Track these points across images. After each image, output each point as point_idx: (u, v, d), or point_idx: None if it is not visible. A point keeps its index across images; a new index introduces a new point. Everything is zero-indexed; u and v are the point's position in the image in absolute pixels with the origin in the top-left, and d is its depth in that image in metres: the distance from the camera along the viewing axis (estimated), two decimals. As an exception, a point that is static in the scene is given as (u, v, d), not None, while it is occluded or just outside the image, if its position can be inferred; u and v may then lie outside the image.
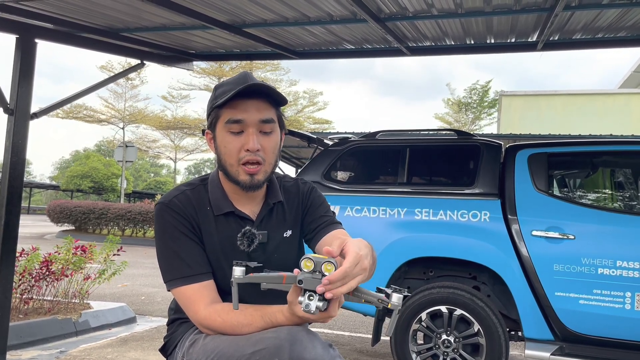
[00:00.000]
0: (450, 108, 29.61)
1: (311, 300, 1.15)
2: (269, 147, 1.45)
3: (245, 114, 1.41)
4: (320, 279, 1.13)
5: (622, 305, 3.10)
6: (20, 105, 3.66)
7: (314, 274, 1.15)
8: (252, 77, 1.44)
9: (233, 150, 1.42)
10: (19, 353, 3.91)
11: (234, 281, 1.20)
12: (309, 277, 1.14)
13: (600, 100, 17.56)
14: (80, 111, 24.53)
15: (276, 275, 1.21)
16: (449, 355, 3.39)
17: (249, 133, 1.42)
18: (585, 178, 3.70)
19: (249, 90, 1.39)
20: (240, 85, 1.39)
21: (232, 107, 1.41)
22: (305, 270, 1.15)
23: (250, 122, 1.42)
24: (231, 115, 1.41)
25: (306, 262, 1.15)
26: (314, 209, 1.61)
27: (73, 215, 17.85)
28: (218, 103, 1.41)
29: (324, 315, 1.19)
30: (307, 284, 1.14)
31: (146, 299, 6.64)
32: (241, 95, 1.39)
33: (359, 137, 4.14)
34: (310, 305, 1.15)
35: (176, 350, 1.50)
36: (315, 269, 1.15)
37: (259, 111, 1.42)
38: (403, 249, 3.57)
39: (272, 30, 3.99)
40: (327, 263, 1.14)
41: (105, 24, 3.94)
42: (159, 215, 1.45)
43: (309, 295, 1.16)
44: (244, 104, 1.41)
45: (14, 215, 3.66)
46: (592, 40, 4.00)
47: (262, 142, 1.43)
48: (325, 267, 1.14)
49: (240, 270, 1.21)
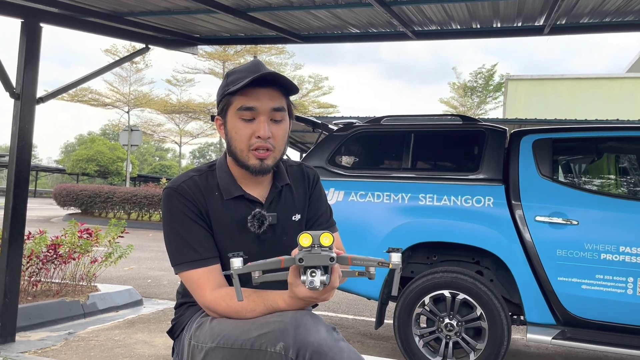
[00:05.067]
0: (455, 92, 29.46)
1: (314, 277, 1.16)
2: (278, 134, 1.48)
3: (258, 102, 1.44)
4: (320, 252, 1.14)
5: (624, 290, 3.12)
6: (26, 89, 3.68)
7: (313, 248, 1.15)
8: (264, 65, 1.47)
9: (244, 137, 1.45)
10: (28, 334, 3.98)
11: (233, 273, 1.21)
12: (308, 254, 1.15)
13: (607, 84, 17.40)
14: (86, 95, 24.56)
15: (274, 260, 1.21)
16: (452, 338, 3.43)
17: (261, 121, 1.44)
18: (589, 164, 3.69)
19: (261, 79, 1.41)
20: (253, 73, 1.42)
21: (245, 95, 1.44)
22: (304, 247, 1.15)
23: (262, 110, 1.44)
24: (243, 103, 1.44)
25: (303, 238, 1.15)
26: (315, 199, 1.65)
27: (79, 198, 17.96)
28: (231, 90, 1.44)
29: (327, 289, 1.21)
30: (309, 260, 1.15)
31: (152, 281, 6.71)
32: (254, 84, 1.41)
33: (364, 123, 4.14)
34: (315, 282, 1.15)
35: (183, 333, 1.53)
36: (313, 243, 1.15)
37: (271, 99, 1.45)
38: (407, 234, 3.59)
39: (277, 14, 3.97)
40: (324, 235, 1.16)
41: (110, 8, 3.94)
42: (167, 200, 1.48)
43: (311, 272, 1.16)
44: (257, 92, 1.44)
45: (21, 199, 3.70)
46: (599, 24, 3.96)
47: (273, 130, 1.46)
48: (322, 239, 1.15)
49: (239, 261, 1.21)
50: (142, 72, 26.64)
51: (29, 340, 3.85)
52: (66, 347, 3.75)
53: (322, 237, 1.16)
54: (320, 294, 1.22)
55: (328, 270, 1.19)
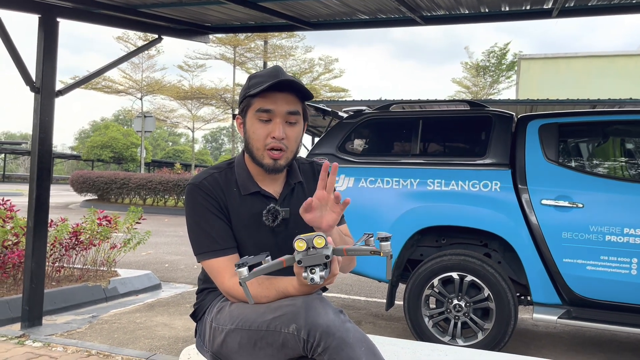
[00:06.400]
0: (468, 72, 29.15)
1: (314, 274, 1.30)
2: (292, 136, 1.60)
3: (275, 105, 1.56)
4: (316, 254, 1.28)
5: (628, 270, 3.20)
6: (45, 83, 3.80)
7: (309, 250, 1.29)
8: (283, 71, 1.59)
9: (261, 136, 1.57)
10: (54, 318, 4.17)
11: (242, 281, 1.34)
12: (305, 256, 1.29)
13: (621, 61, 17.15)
14: (99, 82, 24.71)
15: (276, 262, 1.34)
16: (460, 319, 3.54)
17: (276, 122, 1.56)
18: (595, 147, 3.74)
19: (280, 84, 1.53)
20: (273, 78, 1.54)
21: (264, 98, 1.56)
22: (300, 251, 1.29)
23: (279, 112, 1.56)
24: (262, 105, 1.56)
25: (299, 243, 1.28)
26: None
27: (95, 185, 18.28)
28: (251, 92, 1.56)
29: (328, 277, 1.33)
30: (306, 261, 1.29)
31: (170, 266, 6.90)
32: (272, 88, 1.54)
33: (373, 110, 4.21)
34: (315, 278, 1.29)
35: (205, 316, 1.67)
36: (308, 246, 1.28)
37: (287, 103, 1.57)
38: (416, 218, 3.69)
39: (286, 3, 4.03)
40: (317, 237, 1.29)
41: (123, 1, 4.03)
42: (190, 195, 1.61)
43: (310, 269, 1.30)
44: (274, 96, 1.56)
45: (44, 189, 3.85)
46: (608, 6, 3.95)
47: (287, 132, 1.58)
48: (316, 242, 1.28)
49: (245, 270, 1.34)
50: (153, 58, 26.74)
51: (55, 323, 4.04)
52: (91, 330, 3.93)
53: (316, 240, 1.28)
54: (322, 283, 1.34)
55: (327, 265, 1.32)
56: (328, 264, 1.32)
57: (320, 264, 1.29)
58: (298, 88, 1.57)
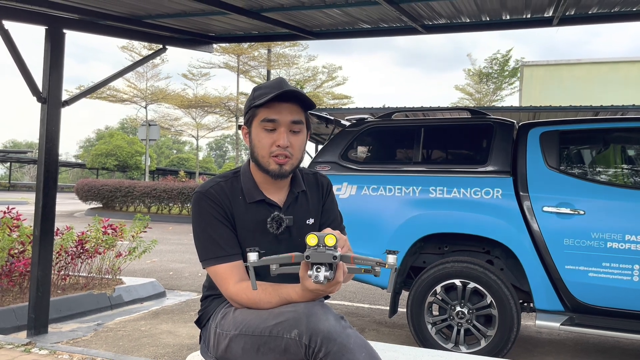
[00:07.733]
0: (471, 79, 29.22)
1: (319, 272, 1.33)
2: (296, 144, 1.65)
3: (279, 114, 1.61)
4: (325, 251, 1.31)
5: (630, 277, 3.21)
6: (52, 94, 3.86)
7: (319, 247, 1.32)
8: (286, 83, 1.65)
9: (266, 145, 1.62)
10: (59, 326, 4.20)
11: (249, 265, 1.38)
12: (314, 252, 1.32)
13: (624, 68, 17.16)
14: (104, 91, 24.91)
15: (286, 256, 1.38)
16: (463, 325, 3.55)
17: (281, 131, 1.62)
18: (596, 155, 3.76)
19: (284, 95, 1.59)
20: (277, 90, 1.59)
21: (268, 108, 1.61)
22: (311, 246, 1.32)
23: (283, 122, 1.61)
24: (267, 115, 1.61)
25: (310, 239, 1.32)
26: (328, 206, 1.82)
27: (100, 193, 18.37)
28: (256, 103, 1.61)
29: (332, 283, 1.37)
30: (314, 257, 1.32)
31: (174, 274, 6.93)
32: (277, 99, 1.59)
33: (375, 118, 4.25)
34: (319, 276, 1.32)
35: (209, 322, 1.70)
36: (319, 243, 1.32)
37: (291, 113, 1.62)
38: (418, 226, 3.71)
39: (289, 13, 4.08)
40: (328, 235, 1.33)
41: (128, 12, 4.09)
42: (196, 203, 1.65)
43: (317, 267, 1.33)
44: (279, 106, 1.61)
45: (50, 198, 3.89)
46: (608, 14, 3.98)
47: (291, 140, 1.63)
48: (327, 240, 1.32)
49: (255, 255, 1.38)
50: (158, 67, 26.95)
51: (61, 331, 4.07)
52: (96, 338, 3.96)
53: (327, 238, 1.32)
54: (326, 287, 1.38)
55: (333, 267, 1.35)
56: (334, 267, 1.35)
57: (327, 263, 1.32)
58: (301, 98, 1.62)
